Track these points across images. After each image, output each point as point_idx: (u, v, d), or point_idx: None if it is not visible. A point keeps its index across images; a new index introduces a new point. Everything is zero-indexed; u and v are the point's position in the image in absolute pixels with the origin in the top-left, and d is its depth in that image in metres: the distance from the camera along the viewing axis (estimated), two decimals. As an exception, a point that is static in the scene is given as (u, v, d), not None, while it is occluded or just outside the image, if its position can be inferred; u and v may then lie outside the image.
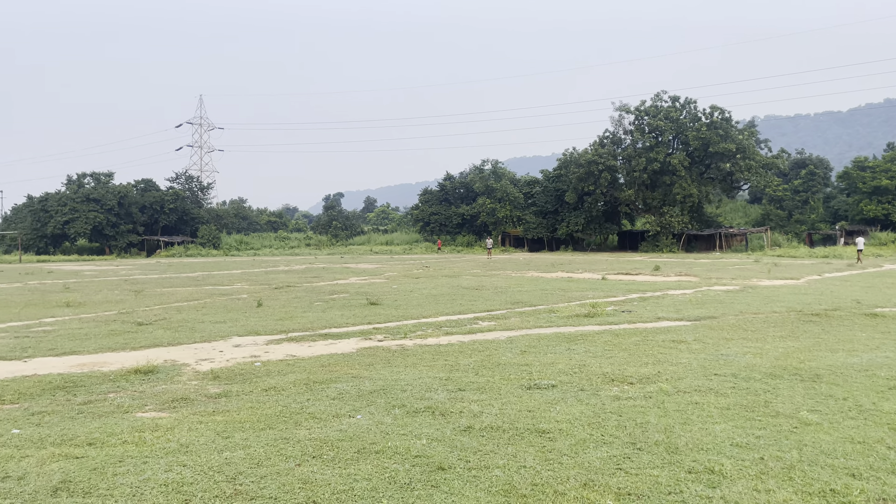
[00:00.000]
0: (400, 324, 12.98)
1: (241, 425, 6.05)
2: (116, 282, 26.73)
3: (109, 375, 8.36)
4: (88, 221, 65.01)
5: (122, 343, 10.86)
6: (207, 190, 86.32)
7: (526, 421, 6.01)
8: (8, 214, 78.01)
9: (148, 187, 74.89)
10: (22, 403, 7.04)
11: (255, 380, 8.11)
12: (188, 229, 75.05)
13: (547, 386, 7.40)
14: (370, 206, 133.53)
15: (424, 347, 10.34)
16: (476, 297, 18.27)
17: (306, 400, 7.00)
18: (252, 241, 76.63)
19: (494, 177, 73.18)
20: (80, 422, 6.28)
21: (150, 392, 7.50)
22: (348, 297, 18.70)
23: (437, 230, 73.17)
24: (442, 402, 6.72)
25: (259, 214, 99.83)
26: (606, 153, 60.47)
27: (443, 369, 8.57)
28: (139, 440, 5.63)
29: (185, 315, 14.65)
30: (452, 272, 30.65)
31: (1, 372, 8.67)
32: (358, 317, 14.03)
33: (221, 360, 9.52)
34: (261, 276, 29.00)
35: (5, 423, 6.20)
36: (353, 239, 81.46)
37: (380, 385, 7.62)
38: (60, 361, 9.42)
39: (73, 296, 19.63)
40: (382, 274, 29.94)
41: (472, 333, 11.74)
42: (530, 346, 10.19)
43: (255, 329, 12.33)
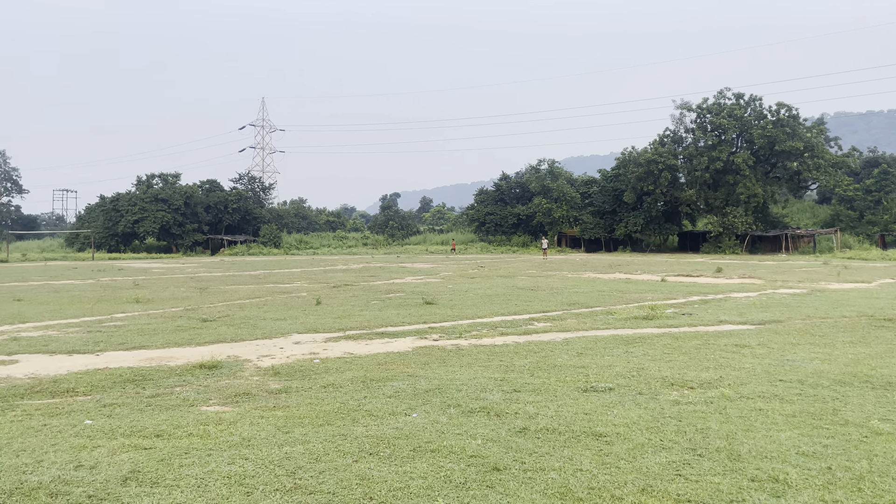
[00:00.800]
0: (455, 323, 13.02)
1: (300, 421, 6.19)
2: (183, 279, 27.65)
3: (176, 370, 8.67)
4: (157, 221, 67.44)
5: (188, 339, 11.24)
6: (269, 190, 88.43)
7: (582, 424, 5.95)
8: (82, 214, 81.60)
9: (213, 188, 77.18)
10: (94, 395, 7.37)
11: (314, 376, 8.27)
12: (250, 228, 77.02)
13: (604, 389, 7.31)
14: (426, 206, 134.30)
15: (479, 347, 10.35)
16: (531, 297, 18.17)
17: (363, 397, 7.10)
18: (311, 241, 78.08)
19: (551, 176, 72.56)
20: (149, 414, 6.53)
21: (214, 387, 7.74)
22: (404, 296, 18.86)
23: (492, 230, 73.06)
24: (497, 403, 6.72)
25: (318, 214, 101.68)
26: (667, 152, 59.21)
27: (498, 370, 8.56)
28: (204, 433, 5.82)
29: (248, 312, 15.05)
30: (507, 272, 30.55)
31: (75, 365, 9.09)
32: (413, 316, 14.14)
33: (282, 356, 9.75)
34: (319, 275, 29.54)
35: (79, 414, 6.50)
36: (409, 238, 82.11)
37: (435, 384, 7.66)
38: (130, 355, 9.81)
39: (142, 292, 20.41)
40: (438, 273, 30.08)
41: (528, 334, 11.69)
42: (587, 349, 10.08)
43: (314, 327, 12.57)
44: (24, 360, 9.47)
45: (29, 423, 6.16)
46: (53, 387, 7.70)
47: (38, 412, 6.59)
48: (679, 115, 61.34)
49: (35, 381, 8.04)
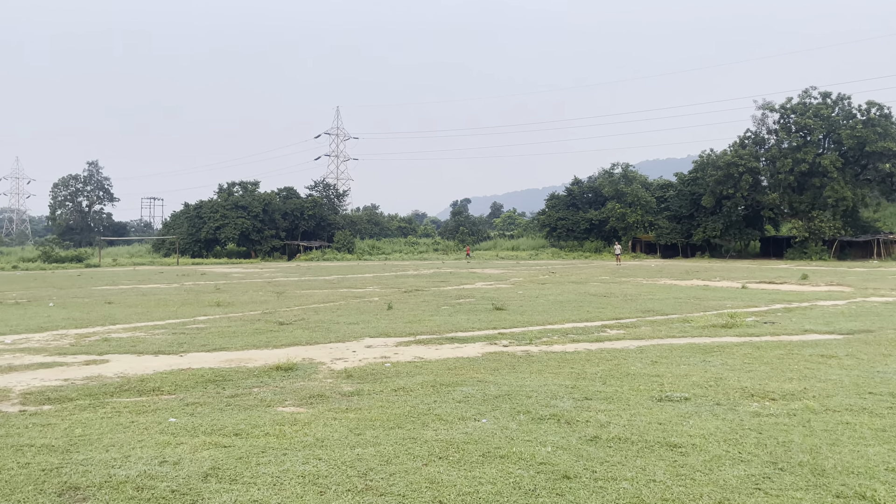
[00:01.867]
0: (525, 329, 12.94)
1: (371, 423, 6.29)
2: (261, 284, 28.57)
3: (254, 371, 8.96)
4: (237, 227, 69.97)
5: (266, 341, 11.60)
6: (343, 197, 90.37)
7: (656, 433, 5.81)
8: (167, 220, 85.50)
9: (289, 195, 79.46)
10: (178, 394, 7.70)
11: (386, 380, 8.38)
12: (325, 234, 78.88)
13: (680, 399, 7.11)
14: (496, 211, 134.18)
15: (550, 354, 10.25)
16: (604, 304, 17.86)
17: (433, 401, 7.15)
18: (383, 246, 79.28)
19: (625, 180, 71.17)
20: (228, 413, 6.78)
21: (290, 388, 7.96)
22: (474, 301, 18.88)
23: (563, 235, 72.26)
24: (568, 410, 6.63)
25: (390, 220, 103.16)
26: (748, 154, 57.09)
27: (569, 377, 8.45)
28: (280, 433, 5.99)
29: (322, 316, 15.41)
30: (579, 278, 30.13)
31: (161, 365, 9.53)
32: (483, 321, 14.14)
33: (354, 359, 9.93)
34: (391, 280, 29.94)
35: (164, 412, 6.81)
36: (479, 244, 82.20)
37: (505, 390, 7.64)
38: (211, 356, 10.21)
39: (222, 296, 21.22)
40: (508, 279, 29.97)
41: (600, 342, 11.49)
42: (662, 357, 9.83)
43: (385, 331, 12.75)
44: (114, 359, 10.00)
45: (118, 420, 6.50)
46: (141, 385, 8.10)
47: (126, 409, 6.94)
48: (761, 116, 59.10)
49: (124, 379, 8.47)
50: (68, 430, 6.11)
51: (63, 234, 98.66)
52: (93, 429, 6.15)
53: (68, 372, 9.04)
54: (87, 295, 22.80)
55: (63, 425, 6.27)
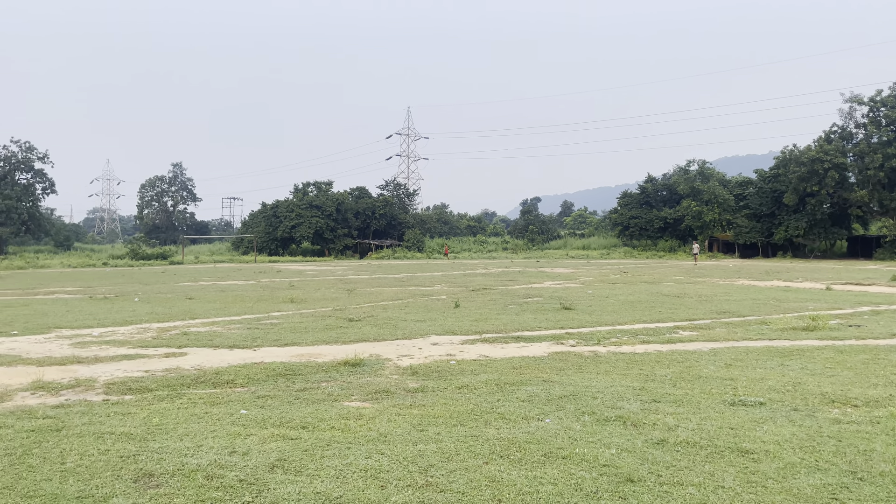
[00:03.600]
0: (593, 329, 12.73)
1: (434, 420, 6.32)
2: (333, 281, 29.18)
3: (322, 366, 9.15)
4: (311, 226, 71.72)
5: (335, 337, 11.84)
6: (413, 196, 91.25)
7: (727, 438, 5.60)
8: (246, 220, 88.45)
9: (361, 194, 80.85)
10: (250, 387, 7.95)
11: (450, 377, 8.41)
12: (396, 233, 79.89)
13: (754, 403, 6.83)
14: (567, 210, 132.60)
15: (618, 355, 10.05)
16: (677, 304, 17.37)
17: (496, 400, 7.12)
18: (452, 245, 79.57)
19: (701, 178, 69.00)
20: (296, 407, 6.95)
21: (356, 383, 8.09)
22: (542, 300, 18.71)
23: (636, 234, 70.69)
24: (634, 413, 6.48)
25: (459, 219, 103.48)
26: (833, 149, 54.35)
27: (637, 379, 8.26)
28: (344, 427, 6.10)
29: (390, 313, 15.61)
30: (652, 278, 29.40)
31: (235, 358, 9.86)
32: (550, 321, 13.99)
33: (420, 356, 10.01)
34: (459, 279, 30.02)
35: (236, 404, 7.04)
36: (549, 243, 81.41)
37: (570, 390, 7.53)
38: (283, 351, 10.50)
39: (296, 293, 21.79)
40: (577, 279, 29.56)
41: (671, 343, 11.18)
42: (736, 360, 9.47)
43: (451, 329, 12.80)
44: (192, 352, 10.42)
45: (193, 411, 6.76)
46: (215, 378, 8.40)
47: (201, 400, 7.22)
48: (848, 110, 56.16)
49: (200, 372, 8.81)
50: (146, 419, 6.40)
51: (149, 232, 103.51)
52: (169, 418, 6.42)
53: (149, 364, 9.47)
54: (170, 291, 23.83)
55: (142, 414, 6.58)
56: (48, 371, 8.88)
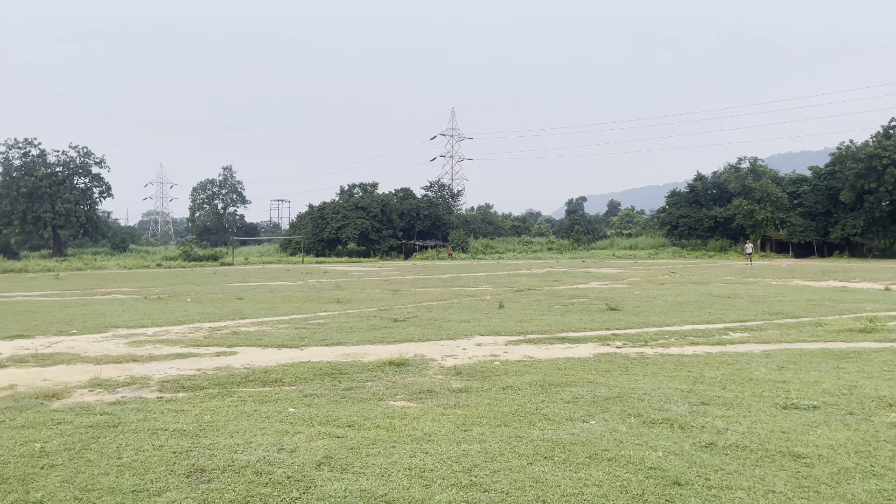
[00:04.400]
0: (640, 331, 12.54)
1: (478, 420, 6.33)
2: (378, 282, 29.44)
3: (368, 365, 9.25)
4: (357, 227, 72.50)
5: (380, 337, 11.95)
6: (457, 197, 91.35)
7: (778, 442, 5.46)
8: (294, 221, 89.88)
9: (406, 196, 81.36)
10: (298, 386, 8.09)
11: (494, 378, 8.41)
12: (440, 234, 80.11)
13: (807, 406, 6.64)
14: (613, 209, 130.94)
15: (666, 356, 9.89)
16: (728, 305, 16.99)
17: (541, 401, 7.09)
18: (497, 245, 79.42)
19: (753, 175, 67.29)
20: (343, 405, 7.04)
21: (401, 383, 8.16)
22: (588, 301, 18.53)
23: (685, 234, 69.38)
24: (682, 415, 6.37)
25: (504, 219, 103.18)
26: (893, 145, 52.40)
27: (685, 381, 8.12)
28: (389, 426, 6.16)
29: (434, 314, 15.67)
30: (702, 278, 28.82)
31: (283, 357, 10.05)
32: (596, 322, 13.84)
33: (464, 357, 10.03)
34: (504, 279, 29.94)
35: (284, 402, 7.18)
36: (595, 243, 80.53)
37: (616, 392, 7.45)
38: (329, 351, 10.65)
39: (342, 293, 22.06)
40: (624, 279, 29.16)
41: (721, 345, 10.95)
42: (789, 362, 9.22)
43: (495, 329, 12.78)
44: (242, 351, 10.66)
45: (242, 408, 6.92)
46: (264, 376, 8.58)
47: (250, 398, 7.38)
48: (909, 103, 53.99)
49: (249, 370, 9.01)
50: (198, 416, 6.57)
51: (201, 234, 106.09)
52: (220, 416, 6.58)
53: (201, 363, 9.72)
54: (221, 291, 24.40)
55: (194, 411, 6.76)
56: (105, 369, 9.19)
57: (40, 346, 11.28)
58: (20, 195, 64.96)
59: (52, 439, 5.64)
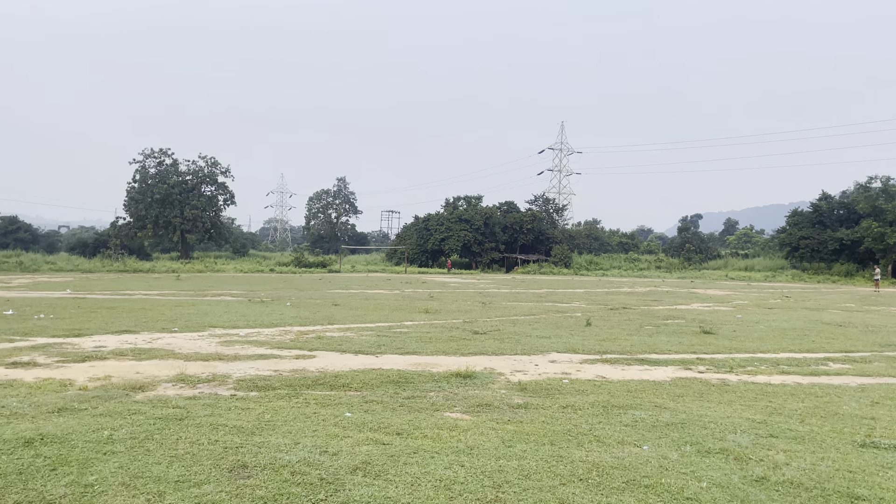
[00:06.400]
0: (729, 356, 11.91)
1: (525, 437, 6.25)
2: (472, 294, 29.58)
3: (435, 376, 9.35)
4: (460, 239, 73.19)
5: (455, 348, 12.03)
6: (562, 211, 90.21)
7: (839, 482, 5.05)
8: (400, 232, 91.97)
9: (510, 209, 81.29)
10: (362, 392, 8.30)
11: (558, 396, 8.27)
12: (543, 248, 79.37)
13: (888, 446, 6.10)
14: (730, 228, 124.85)
15: (749, 384, 9.35)
16: (836, 334, 15.80)
17: (597, 422, 6.91)
18: (601, 262, 77.65)
19: (885, 196, 62.16)
20: (398, 413, 7.16)
21: (462, 395, 8.19)
22: (682, 323, 17.79)
23: (807, 256, 65.02)
24: (742, 446, 6.02)
25: (611, 235, 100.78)
26: None
27: (762, 411, 7.65)
28: (436, 436, 6.21)
29: (517, 328, 15.57)
30: (817, 304, 26.93)
31: (357, 363, 10.33)
32: (684, 344, 13.27)
33: (534, 373, 9.92)
34: (600, 297, 29.26)
35: (343, 407, 7.39)
36: (707, 263, 77.01)
37: (680, 418, 7.14)
38: (403, 359, 10.84)
39: (432, 304, 22.35)
40: (730, 301, 27.73)
41: (815, 375, 10.21)
42: (886, 398, 8.48)
43: (573, 347, 12.53)
44: (320, 356, 11.05)
45: (304, 410, 7.19)
46: (333, 381, 8.86)
47: (314, 401, 7.65)
48: None
49: (321, 374, 9.33)
50: (260, 415, 6.89)
51: (315, 242, 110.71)
52: (280, 415, 6.88)
53: (280, 364, 10.17)
54: (320, 297, 25.36)
55: (258, 410, 7.09)
56: (192, 366, 9.82)
57: (142, 341, 12.19)
58: (154, 201, 70.37)
59: (122, 428, 6.10)
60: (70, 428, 6.02)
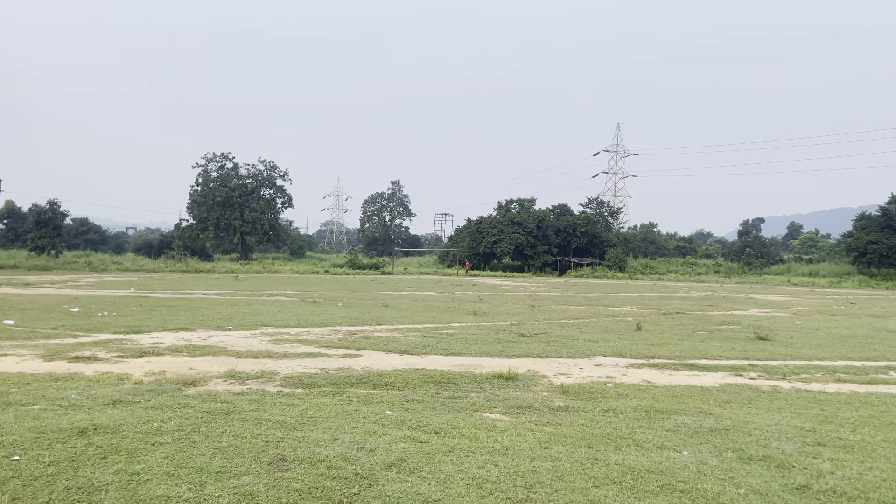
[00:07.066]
0: (783, 363, 11.57)
1: (563, 439, 6.24)
2: (522, 297, 29.47)
3: (477, 377, 9.39)
4: (512, 242, 72.93)
5: (500, 350, 12.04)
6: (617, 214, 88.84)
7: (885, 492, 4.88)
8: (452, 235, 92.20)
9: (563, 212, 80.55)
10: (405, 391, 8.41)
11: (600, 399, 8.20)
12: (597, 252, 78.33)
13: (944, 459, 5.84)
14: (794, 232, 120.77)
15: (801, 392, 9.07)
16: (900, 342, 15.13)
17: (638, 427, 6.83)
18: (657, 266, 76.14)
19: (962, 198, 59.09)
20: (438, 413, 7.24)
21: (503, 396, 8.21)
22: (738, 329, 17.34)
23: (875, 262, 62.31)
24: (786, 454, 5.86)
25: (667, 239, 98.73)
26: None
27: (812, 419, 7.43)
28: (473, 436, 6.26)
29: (565, 331, 15.46)
30: (884, 311, 25.82)
31: (401, 363, 10.46)
32: (737, 350, 12.95)
33: (578, 376, 9.85)
34: (654, 301, 28.73)
35: (384, 405, 7.51)
36: (768, 268, 74.65)
37: (725, 424, 6.99)
38: (447, 360, 10.91)
39: (481, 306, 22.37)
40: (790, 308, 26.84)
41: (873, 384, 9.83)
42: (948, 409, 8.10)
43: (621, 351, 12.38)
44: (366, 355, 11.22)
45: (346, 407, 7.34)
46: (377, 380, 9.00)
47: (357, 399, 7.80)
48: None
49: (366, 373, 9.49)
50: (304, 411, 7.07)
51: (369, 244, 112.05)
52: (322, 412, 7.04)
53: (327, 362, 10.38)
54: (371, 298, 25.69)
55: (301, 406, 7.27)
56: (242, 363, 10.12)
57: (197, 338, 12.62)
58: (215, 203, 72.51)
59: (171, 420, 6.35)
60: (122, 419, 6.31)
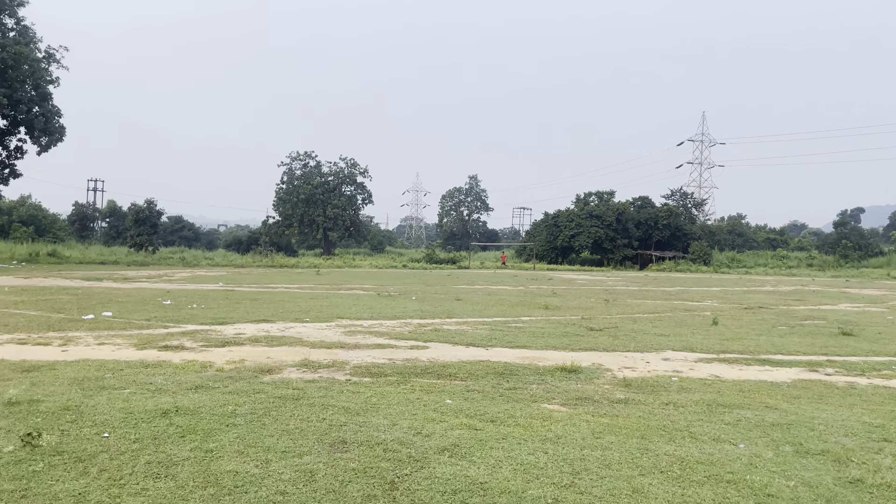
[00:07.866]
0: (865, 359, 11.12)
1: (617, 430, 6.32)
2: (597, 291, 29.15)
3: (540, 369, 9.52)
4: (590, 235, 71.93)
5: (566, 343, 12.09)
6: (702, 206, 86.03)
7: (946, 491, 4.74)
8: (529, 229, 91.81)
9: (644, 204, 78.71)
10: (467, 381, 8.65)
11: (662, 393, 8.19)
12: (680, 245, 76.15)
13: None
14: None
15: (880, 389, 8.75)
16: None
17: (696, 420, 6.82)
18: (745, 259, 73.38)
19: None
20: (496, 403, 7.44)
21: (563, 388, 8.32)
22: (822, 324, 16.66)
23: None
24: (847, 449, 5.75)
25: (756, 231, 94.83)
26: None
27: (884, 416, 7.19)
28: (527, 425, 6.43)
29: (636, 326, 15.30)
30: None
31: (467, 355, 10.70)
32: (816, 346, 12.50)
33: (643, 370, 9.82)
34: (737, 295, 27.84)
35: (445, 394, 7.76)
36: (866, 261, 70.56)
37: (788, 419, 6.88)
38: (512, 353, 11.08)
39: (553, 300, 22.34)
40: (885, 302, 25.43)
41: (962, 382, 9.33)
42: None
43: (691, 345, 12.19)
44: (433, 347, 11.53)
45: (409, 396, 7.65)
46: (441, 370, 9.28)
47: (419, 388, 8.09)
48: None
49: (431, 364, 9.79)
50: (368, 398, 7.42)
51: (447, 239, 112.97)
52: (385, 399, 7.37)
53: (395, 353, 10.75)
54: (445, 292, 26.07)
55: (366, 394, 7.63)
56: (316, 352, 10.62)
57: (276, 329, 13.28)
58: (299, 201, 75.05)
59: (245, 404, 6.83)
60: (202, 403, 6.83)
